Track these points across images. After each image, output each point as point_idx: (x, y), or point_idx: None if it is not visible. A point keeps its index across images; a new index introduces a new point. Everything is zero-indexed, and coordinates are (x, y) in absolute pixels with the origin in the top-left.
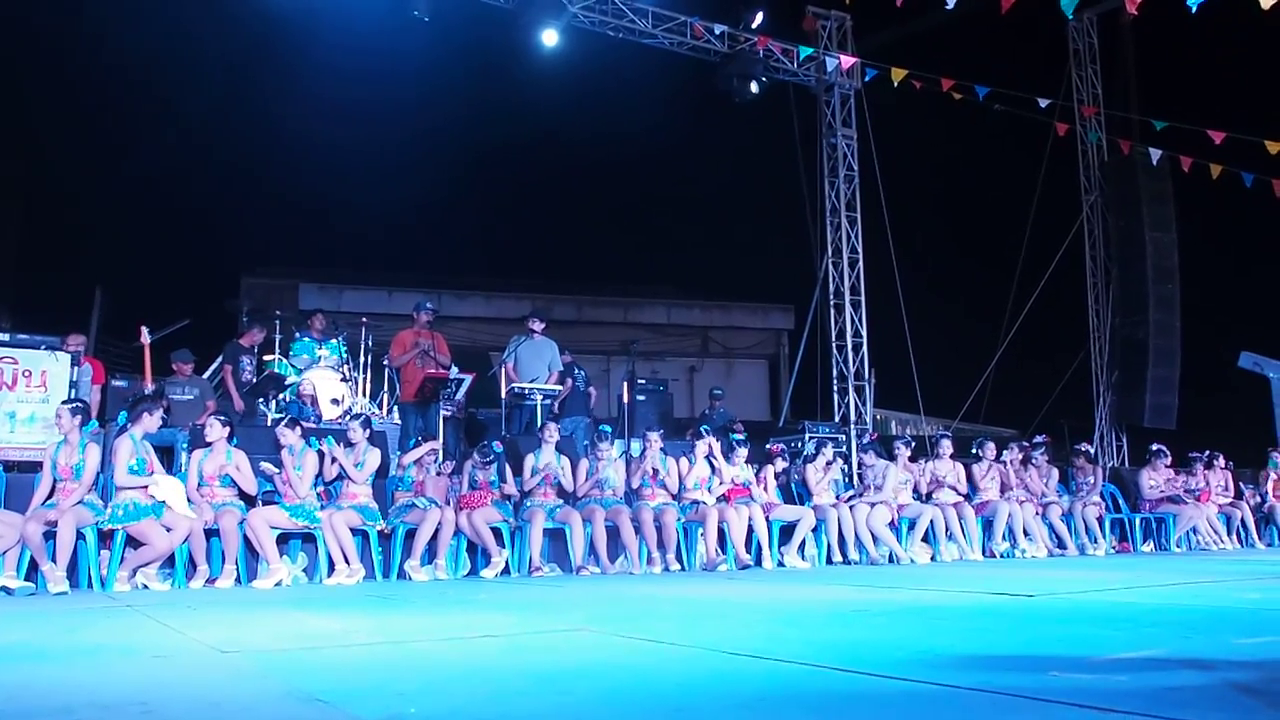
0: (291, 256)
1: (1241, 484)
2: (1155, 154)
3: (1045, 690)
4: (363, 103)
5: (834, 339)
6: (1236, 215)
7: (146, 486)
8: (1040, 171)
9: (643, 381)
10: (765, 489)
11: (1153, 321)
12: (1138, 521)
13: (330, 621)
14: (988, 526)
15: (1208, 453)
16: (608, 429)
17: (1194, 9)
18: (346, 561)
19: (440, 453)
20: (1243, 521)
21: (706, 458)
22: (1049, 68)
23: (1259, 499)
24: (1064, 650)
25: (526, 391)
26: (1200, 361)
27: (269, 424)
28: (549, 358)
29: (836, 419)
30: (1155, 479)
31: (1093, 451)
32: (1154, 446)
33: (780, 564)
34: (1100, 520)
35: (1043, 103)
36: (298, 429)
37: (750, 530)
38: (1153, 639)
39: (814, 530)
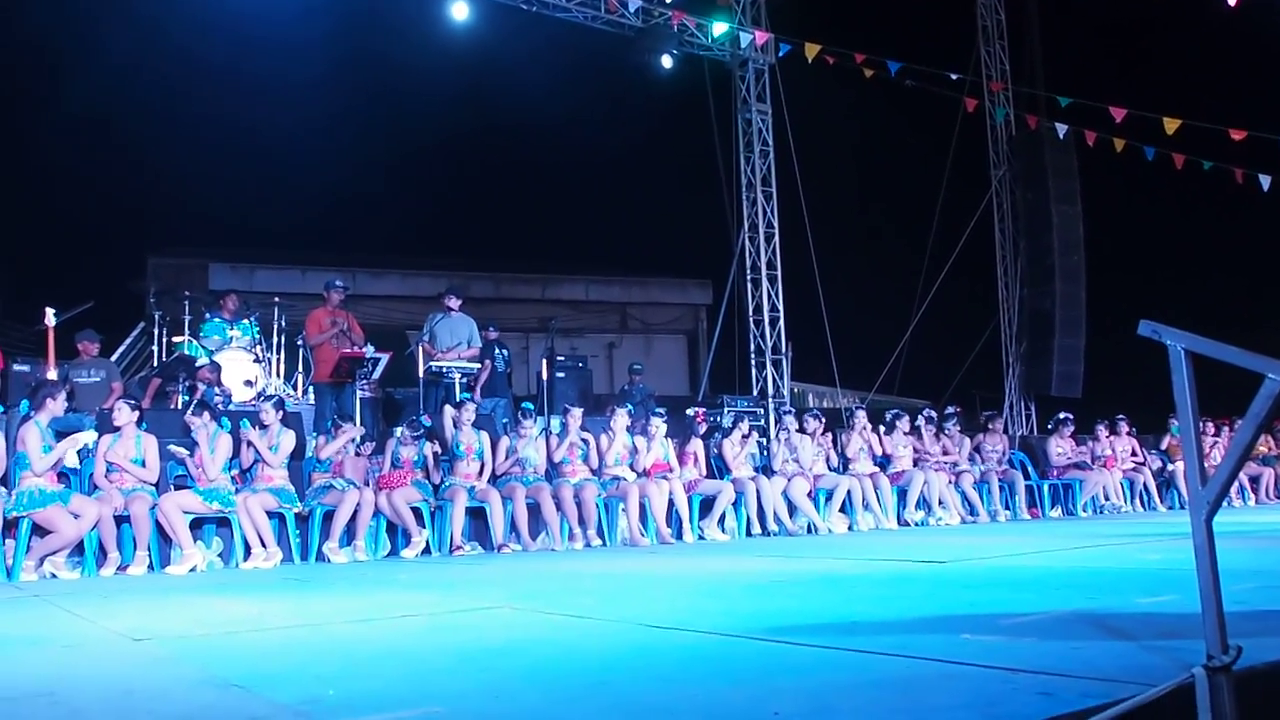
0: (200, 236)
1: (1144, 449)
2: (1061, 129)
3: (956, 653)
4: (270, 79)
5: (751, 313)
6: (1139, 189)
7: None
8: (951, 146)
9: (562, 359)
10: (696, 463)
11: (1059, 292)
12: (1046, 488)
13: (246, 606)
14: (902, 496)
15: (1111, 420)
16: (529, 406)
17: None
18: (263, 545)
19: (358, 433)
20: (1145, 486)
21: (628, 430)
22: (959, 43)
23: (1160, 463)
24: (975, 613)
25: (444, 370)
26: (1105, 331)
27: (178, 407)
28: (466, 334)
29: (755, 392)
30: (1062, 446)
31: (995, 417)
32: (1060, 415)
33: (701, 537)
34: (1010, 485)
35: (953, 77)
36: (206, 413)
37: (671, 504)
38: (1059, 600)
39: (733, 503)
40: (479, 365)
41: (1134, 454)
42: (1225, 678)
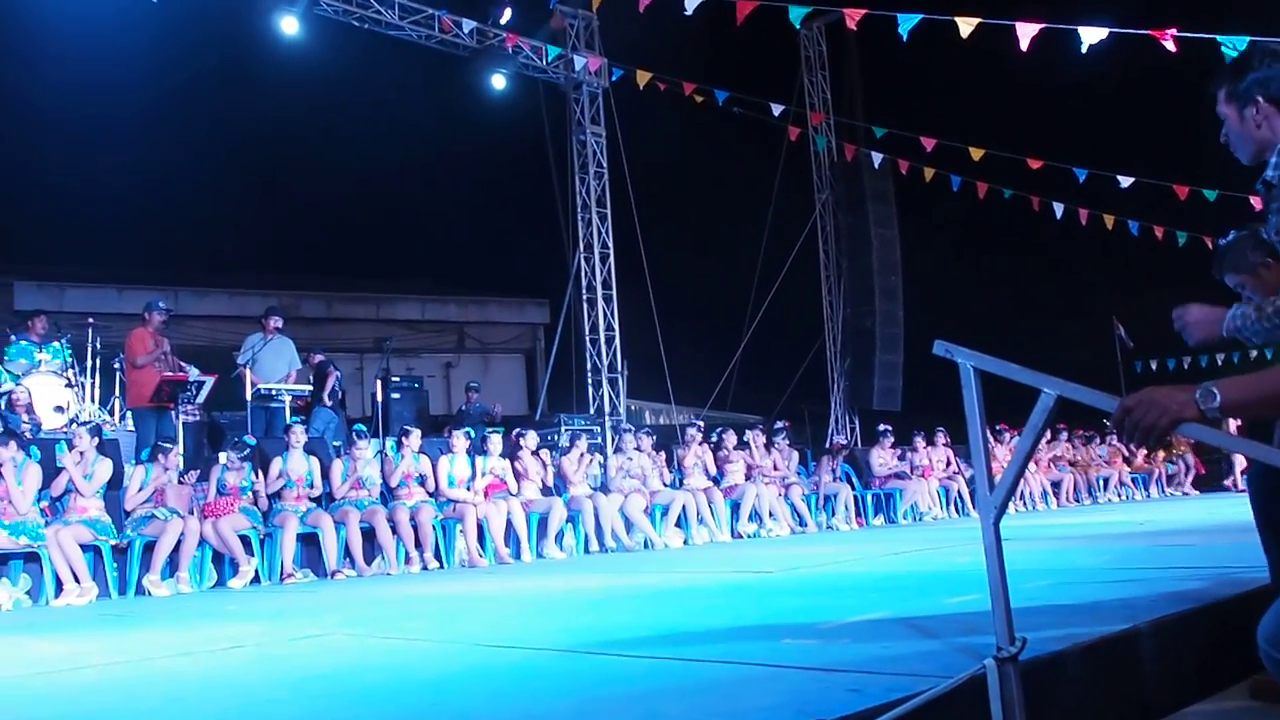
0: (3, 252)
1: (959, 459)
2: (877, 157)
3: (777, 657)
4: (84, 85)
5: (587, 333)
6: (949, 214)
7: None
8: (778, 171)
9: (397, 379)
10: (529, 476)
11: (879, 311)
12: (869, 497)
13: (59, 645)
14: (735, 509)
15: (928, 431)
16: (362, 428)
17: (905, 37)
18: (76, 580)
19: (181, 459)
20: (960, 493)
21: (467, 453)
22: (784, 71)
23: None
24: (797, 620)
25: (273, 392)
26: (922, 347)
27: None
28: (289, 357)
29: (592, 410)
30: (884, 457)
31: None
32: (880, 427)
33: (540, 556)
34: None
35: (776, 109)
36: (13, 442)
37: (509, 524)
38: (875, 604)
39: (572, 520)
40: (308, 387)
41: (949, 464)
42: (1012, 667)
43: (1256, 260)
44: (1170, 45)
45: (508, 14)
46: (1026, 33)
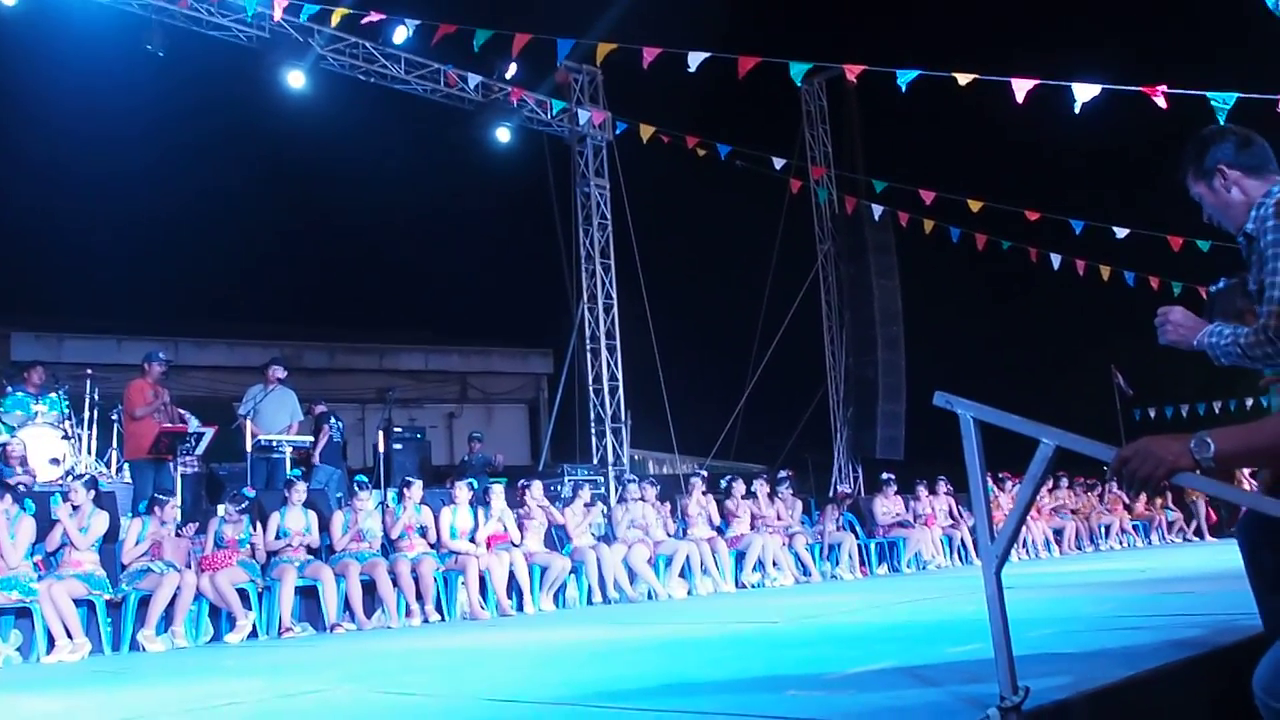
0: (0, 302)
1: (961, 507)
2: (878, 210)
3: (782, 709)
4: (86, 137)
5: (591, 382)
6: (950, 265)
7: None
8: (780, 223)
9: (400, 430)
10: (534, 518)
11: (881, 361)
12: (873, 546)
13: (50, 703)
14: (740, 559)
15: (930, 480)
16: (364, 479)
17: (904, 88)
18: (69, 636)
19: (179, 512)
20: (963, 541)
21: (469, 504)
22: (786, 125)
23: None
24: (802, 671)
25: (274, 444)
26: (924, 396)
27: None
28: (291, 408)
29: (595, 461)
30: (887, 506)
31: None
32: (883, 476)
33: (539, 608)
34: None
35: (778, 162)
36: (7, 495)
37: (512, 575)
38: (879, 654)
39: (575, 571)
40: (309, 439)
41: (951, 512)
42: (1016, 716)
43: (1244, 307)
44: (1161, 102)
45: (513, 69)
46: (1022, 88)
